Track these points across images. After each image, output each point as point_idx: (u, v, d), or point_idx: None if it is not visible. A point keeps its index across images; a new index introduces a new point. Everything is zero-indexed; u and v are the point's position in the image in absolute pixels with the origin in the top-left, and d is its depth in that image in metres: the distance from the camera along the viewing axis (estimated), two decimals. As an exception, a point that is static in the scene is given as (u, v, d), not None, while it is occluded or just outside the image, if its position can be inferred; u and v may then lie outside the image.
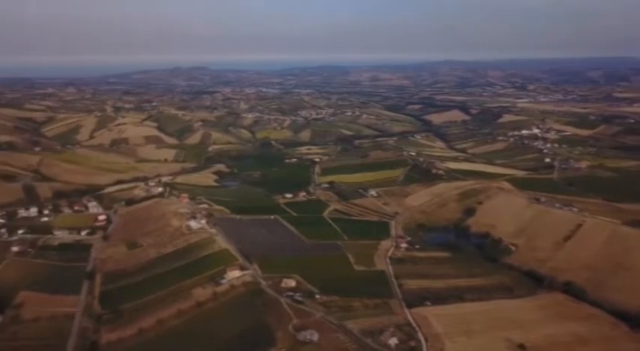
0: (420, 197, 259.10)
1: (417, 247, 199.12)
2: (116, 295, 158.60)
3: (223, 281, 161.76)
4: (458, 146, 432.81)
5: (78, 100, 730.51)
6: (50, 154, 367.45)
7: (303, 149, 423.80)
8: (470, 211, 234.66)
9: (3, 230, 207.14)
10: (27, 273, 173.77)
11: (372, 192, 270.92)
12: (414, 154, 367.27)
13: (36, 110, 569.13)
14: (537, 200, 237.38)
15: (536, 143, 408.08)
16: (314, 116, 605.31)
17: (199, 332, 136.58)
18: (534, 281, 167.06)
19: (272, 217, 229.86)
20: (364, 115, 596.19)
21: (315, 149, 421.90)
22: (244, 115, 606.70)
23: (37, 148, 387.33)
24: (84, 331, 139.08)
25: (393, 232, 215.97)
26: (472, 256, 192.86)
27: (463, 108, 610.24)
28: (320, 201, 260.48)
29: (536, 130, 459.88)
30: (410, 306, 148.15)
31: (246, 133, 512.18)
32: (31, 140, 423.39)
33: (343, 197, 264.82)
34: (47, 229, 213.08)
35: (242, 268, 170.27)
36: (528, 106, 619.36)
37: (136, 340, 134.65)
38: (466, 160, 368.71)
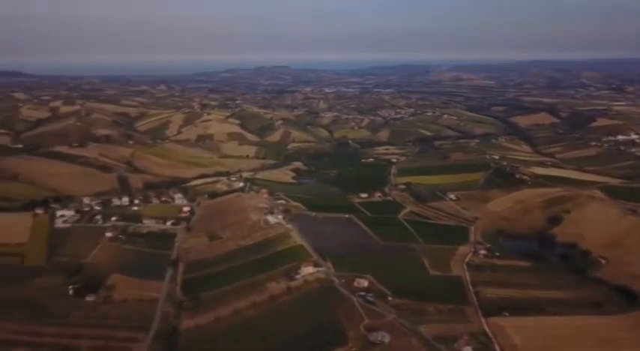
0: (501, 203, 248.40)
1: (497, 254, 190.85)
2: (196, 284, 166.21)
3: (297, 276, 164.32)
4: (545, 151, 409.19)
5: (168, 97, 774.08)
6: (142, 147, 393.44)
7: (381, 149, 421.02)
8: (556, 220, 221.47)
9: (98, 217, 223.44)
10: (118, 257, 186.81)
11: (451, 195, 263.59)
12: (496, 157, 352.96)
13: (130, 106, 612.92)
14: (633, 211, 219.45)
15: (633, 149, 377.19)
16: (393, 116, 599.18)
17: (272, 325, 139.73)
18: (627, 298, 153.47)
19: (346, 216, 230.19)
20: (445, 116, 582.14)
21: (392, 149, 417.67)
22: (323, 114, 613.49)
23: (131, 142, 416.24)
24: (166, 316, 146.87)
25: (471, 237, 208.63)
26: (556, 267, 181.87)
27: (552, 110, 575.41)
28: (396, 202, 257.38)
29: (634, 136, 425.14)
30: (486, 315, 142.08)
31: (324, 132, 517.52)
32: (126, 134, 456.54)
33: (420, 199, 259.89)
34: (137, 217, 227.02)
35: (316, 265, 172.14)
36: (626, 110, 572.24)
37: (213, 328, 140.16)
38: (554, 165, 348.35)
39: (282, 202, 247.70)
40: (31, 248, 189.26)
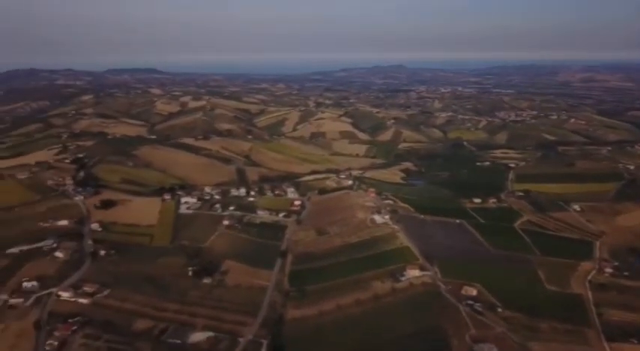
0: (634, 217, 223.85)
1: (626, 274, 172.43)
2: (303, 276, 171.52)
3: (402, 278, 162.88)
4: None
5: (286, 95, 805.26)
6: (259, 142, 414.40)
7: (498, 152, 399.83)
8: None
9: (217, 205, 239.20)
10: (233, 244, 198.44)
11: (575, 206, 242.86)
12: (631, 167, 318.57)
13: (251, 103, 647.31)
14: None
15: None
16: (513, 118, 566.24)
17: (375, 324, 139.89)
18: None
19: (457, 221, 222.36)
20: (572, 120, 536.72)
21: (511, 153, 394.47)
22: (437, 114, 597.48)
23: (250, 137, 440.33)
24: (273, 304, 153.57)
25: (596, 253, 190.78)
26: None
27: None
28: (512, 210, 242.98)
29: None
30: (610, 339, 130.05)
31: (437, 133, 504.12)
32: (246, 129, 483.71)
33: (539, 208, 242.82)
34: (252, 208, 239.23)
35: (422, 269, 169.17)
36: None
37: (316, 321, 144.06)
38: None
39: (390, 202, 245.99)
40: (159, 230, 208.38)
